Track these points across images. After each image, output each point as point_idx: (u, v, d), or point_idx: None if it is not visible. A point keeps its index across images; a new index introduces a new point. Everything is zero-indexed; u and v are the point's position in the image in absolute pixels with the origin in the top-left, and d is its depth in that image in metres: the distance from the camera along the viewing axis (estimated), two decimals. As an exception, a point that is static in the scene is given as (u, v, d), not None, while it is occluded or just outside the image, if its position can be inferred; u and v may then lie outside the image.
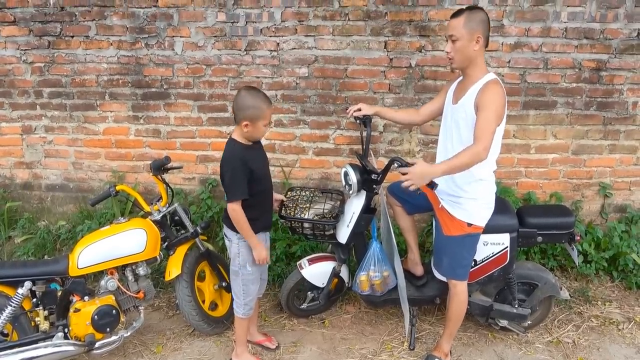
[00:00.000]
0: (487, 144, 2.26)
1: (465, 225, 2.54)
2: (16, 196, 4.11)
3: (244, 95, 2.36)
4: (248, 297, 2.66)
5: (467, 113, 2.40)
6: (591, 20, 3.42)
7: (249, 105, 2.34)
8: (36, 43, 3.78)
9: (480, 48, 2.36)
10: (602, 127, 3.64)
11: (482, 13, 2.36)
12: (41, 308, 2.63)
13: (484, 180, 2.49)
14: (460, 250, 2.63)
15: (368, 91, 3.66)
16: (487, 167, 2.46)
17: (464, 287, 2.70)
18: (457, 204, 2.54)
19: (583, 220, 3.80)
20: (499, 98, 2.31)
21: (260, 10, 3.57)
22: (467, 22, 2.32)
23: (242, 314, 2.69)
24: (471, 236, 2.59)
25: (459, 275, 2.67)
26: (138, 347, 2.98)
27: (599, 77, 3.54)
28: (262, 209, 2.55)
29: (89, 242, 2.69)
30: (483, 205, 2.53)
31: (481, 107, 2.30)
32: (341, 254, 2.93)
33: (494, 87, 2.33)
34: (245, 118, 2.35)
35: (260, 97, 2.38)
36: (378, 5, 3.48)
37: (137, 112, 3.86)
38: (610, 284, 3.62)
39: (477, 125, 2.29)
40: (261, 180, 2.49)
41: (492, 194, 2.57)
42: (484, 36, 2.35)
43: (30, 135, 4.00)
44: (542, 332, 3.13)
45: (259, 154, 2.55)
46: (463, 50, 2.35)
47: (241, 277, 2.62)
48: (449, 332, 2.82)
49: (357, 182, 2.67)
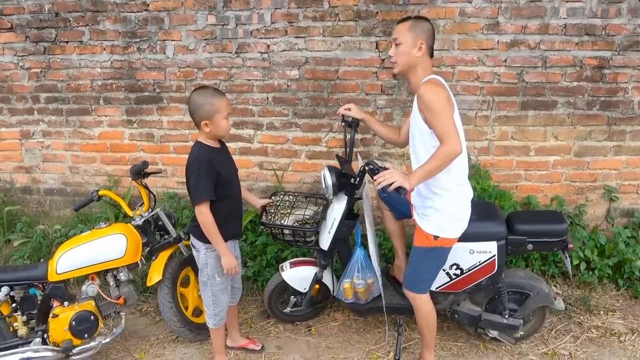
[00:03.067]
0: (455, 140, 2.18)
1: (431, 237, 2.43)
2: (16, 200, 4.18)
3: (193, 97, 2.37)
4: (218, 308, 2.62)
5: (417, 121, 2.35)
6: (592, 15, 3.27)
7: (200, 104, 2.33)
8: (32, 49, 3.83)
9: (423, 55, 2.33)
10: (606, 127, 3.47)
11: (427, 23, 2.38)
12: (20, 313, 2.64)
13: (449, 191, 2.37)
14: (424, 263, 2.52)
15: (360, 93, 3.58)
16: (450, 176, 2.35)
17: (424, 299, 2.58)
18: (425, 215, 2.45)
19: (588, 225, 3.62)
20: (437, 95, 2.22)
21: (250, 12, 3.53)
22: (411, 28, 2.32)
23: (213, 324, 2.66)
24: (438, 250, 2.46)
25: (419, 289, 2.56)
26: (121, 353, 2.97)
27: (602, 75, 3.37)
28: (228, 216, 2.49)
29: (69, 247, 2.69)
30: (450, 217, 2.41)
31: (427, 113, 2.24)
32: (322, 260, 2.86)
33: (427, 88, 2.25)
34: (202, 117, 2.34)
35: (209, 93, 2.37)
36: (369, 4, 3.40)
37: (131, 116, 3.87)
38: (614, 292, 3.45)
39: (436, 131, 2.23)
40: (227, 184, 2.43)
41: (460, 203, 2.44)
42: (427, 44, 2.33)
43: (28, 140, 4.05)
44: (537, 343, 2.99)
45: (225, 157, 2.50)
46: (405, 55, 2.34)
47: (210, 287, 2.58)
48: (427, 344, 2.73)
49: (332, 185, 2.60)
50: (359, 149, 3.63)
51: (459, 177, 2.39)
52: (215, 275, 2.54)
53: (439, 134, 2.21)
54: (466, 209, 2.48)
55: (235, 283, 2.75)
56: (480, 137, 3.55)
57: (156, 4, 3.60)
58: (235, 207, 2.55)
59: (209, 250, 2.50)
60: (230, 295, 2.74)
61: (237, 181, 2.57)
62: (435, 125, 2.22)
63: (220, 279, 2.55)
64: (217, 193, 2.38)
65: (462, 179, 2.43)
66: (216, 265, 2.52)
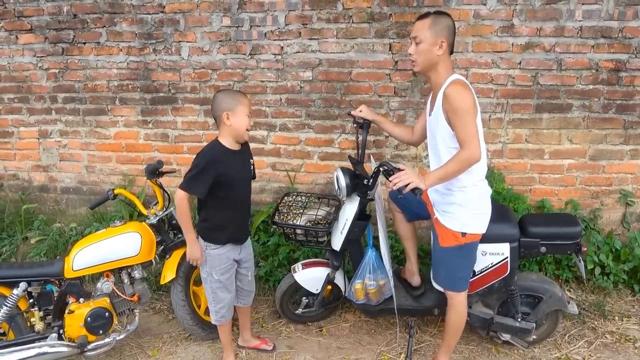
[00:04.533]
0: (475, 146, 2.21)
1: (459, 235, 2.43)
2: (33, 198, 4.26)
3: (216, 95, 2.47)
4: (218, 305, 2.64)
5: (439, 122, 2.33)
6: (608, 18, 3.24)
7: (223, 98, 2.43)
8: (51, 50, 3.91)
9: (443, 53, 2.30)
10: (622, 131, 3.44)
11: (448, 19, 2.32)
12: (37, 309, 2.69)
13: (470, 187, 2.38)
14: (458, 262, 2.52)
15: (373, 95, 3.58)
16: (471, 176, 2.35)
17: (462, 298, 2.58)
18: (448, 213, 2.44)
19: (603, 229, 3.59)
20: (464, 98, 2.21)
21: (264, 14, 3.56)
22: (432, 25, 2.27)
23: (215, 320, 2.69)
24: (468, 246, 2.48)
25: (458, 287, 2.56)
26: (134, 350, 3.01)
27: (618, 79, 3.34)
28: (227, 218, 2.50)
29: (85, 245, 2.72)
30: (474, 211, 2.41)
31: (452, 114, 2.23)
32: (335, 261, 2.87)
33: (455, 89, 2.23)
34: (224, 109, 2.40)
35: (233, 91, 2.53)
36: (382, 6, 3.41)
37: (146, 116, 3.92)
38: (630, 298, 3.40)
39: (458, 134, 2.23)
40: (229, 187, 2.43)
41: (483, 198, 2.45)
42: (448, 42, 2.29)
43: (46, 139, 4.13)
44: (550, 348, 2.96)
45: (238, 161, 2.50)
46: (425, 54, 2.30)
47: (209, 284, 2.61)
48: (447, 345, 2.71)
49: (345, 186, 2.61)
50: (372, 150, 3.64)
51: (478, 175, 2.40)
52: (213, 273, 2.56)
53: (461, 138, 2.21)
54: (488, 204, 2.48)
55: (245, 286, 2.75)
56: (494, 139, 3.53)
57: (172, 6, 3.65)
58: (236, 212, 2.53)
59: (208, 248, 2.54)
60: (240, 297, 2.77)
61: (245, 187, 2.57)
62: (457, 128, 2.22)
63: (219, 277, 2.57)
64: (215, 192, 2.40)
65: (481, 177, 2.43)
66: (214, 263, 2.55)
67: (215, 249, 2.54)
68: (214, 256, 2.54)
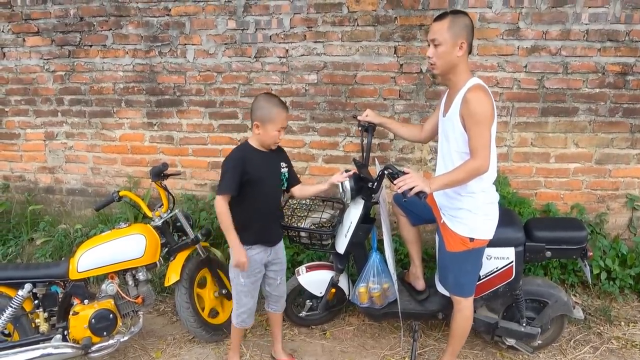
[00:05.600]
0: (486, 157, 2.20)
1: (467, 240, 2.42)
2: (39, 199, 4.28)
3: (258, 99, 2.43)
4: (240, 309, 2.62)
5: (455, 125, 2.30)
6: (615, 21, 3.22)
7: (261, 106, 2.40)
8: (58, 52, 3.93)
9: (463, 54, 2.25)
10: (629, 135, 3.41)
11: (466, 18, 2.26)
12: (42, 310, 2.70)
13: (478, 192, 2.36)
14: (465, 266, 2.50)
15: (378, 97, 3.58)
16: (480, 182, 2.33)
17: (469, 303, 2.57)
18: (457, 218, 2.43)
19: (609, 234, 3.56)
20: (484, 106, 2.18)
21: (269, 17, 3.57)
22: (450, 27, 2.21)
23: (236, 323, 2.67)
24: (475, 251, 2.46)
25: (465, 292, 2.55)
26: (138, 352, 3.01)
27: (625, 82, 3.32)
28: (254, 217, 2.47)
29: (90, 247, 2.74)
30: (483, 217, 2.40)
31: (469, 120, 2.19)
32: (339, 264, 2.86)
33: (476, 96, 2.19)
34: (256, 119, 2.39)
35: (273, 101, 2.42)
36: (387, 10, 3.41)
37: (152, 118, 3.94)
38: (636, 303, 3.38)
39: (471, 141, 2.21)
40: (255, 186, 2.41)
41: (491, 204, 2.44)
42: (467, 42, 2.24)
43: (52, 141, 4.15)
44: (555, 353, 2.94)
45: (267, 162, 2.46)
46: (445, 56, 2.25)
47: (235, 286, 2.60)
48: (452, 350, 2.70)
49: (350, 189, 2.60)
50: (376, 154, 3.63)
51: (487, 181, 2.39)
52: (239, 276, 2.54)
53: (473, 146, 2.19)
54: (496, 209, 2.46)
55: (273, 290, 2.72)
56: (499, 143, 3.51)
57: (178, 9, 3.66)
58: (261, 212, 2.49)
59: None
60: (270, 302, 2.76)
61: (271, 189, 2.53)
62: (472, 135, 2.19)
63: (244, 281, 2.54)
64: (242, 191, 2.39)
65: (490, 183, 2.42)
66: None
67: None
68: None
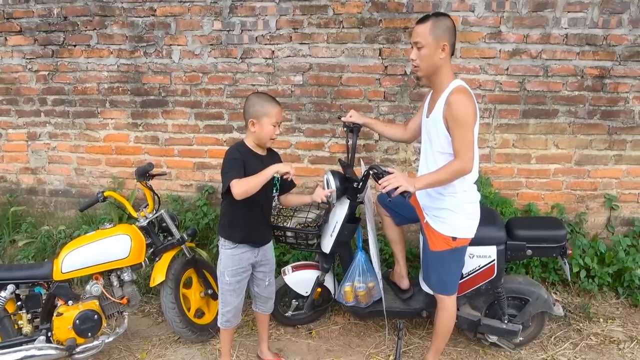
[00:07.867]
0: (469, 158, 2.25)
1: (450, 239, 2.46)
2: (21, 201, 4.22)
3: (250, 97, 2.47)
4: (225, 308, 2.61)
5: (438, 126, 2.34)
6: (593, 26, 3.31)
7: (253, 104, 2.43)
8: (41, 52, 3.89)
9: (446, 56, 2.30)
10: (607, 136, 3.50)
11: (448, 20, 2.30)
12: (25, 311, 2.67)
13: (460, 192, 2.40)
14: (448, 265, 2.55)
15: (363, 99, 3.62)
16: (463, 182, 2.38)
17: (452, 301, 2.62)
18: (439, 218, 2.47)
19: (588, 233, 3.65)
20: (467, 108, 2.22)
21: (255, 19, 3.59)
22: (433, 29, 2.25)
23: (220, 323, 2.66)
24: (458, 250, 2.51)
25: (448, 290, 2.59)
26: (123, 353, 2.99)
27: (603, 85, 3.41)
28: (245, 220, 2.48)
29: (74, 247, 2.72)
30: (465, 216, 2.45)
31: (452, 122, 2.24)
32: (324, 264, 2.89)
33: (459, 98, 2.23)
34: (251, 116, 2.41)
35: (265, 97, 2.48)
36: (372, 12, 3.45)
37: (137, 119, 3.92)
38: (614, 300, 3.46)
39: (454, 143, 2.26)
40: None
41: (473, 203, 2.49)
42: (450, 44, 2.29)
43: (35, 141, 4.10)
44: (536, 350, 3.00)
45: (258, 164, 2.42)
46: (428, 58, 2.29)
47: (220, 284, 2.60)
48: (436, 348, 2.74)
49: (336, 189, 2.63)
50: (362, 154, 3.67)
51: (470, 181, 2.43)
52: (225, 273, 2.54)
53: (456, 147, 2.24)
54: (478, 209, 2.51)
55: (261, 291, 2.72)
56: (481, 144, 3.57)
57: (163, 9, 3.66)
58: (252, 212, 2.49)
59: (223, 248, 2.53)
60: (258, 303, 2.76)
61: (266, 193, 2.49)
62: (455, 137, 2.24)
63: (229, 280, 2.54)
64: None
65: (472, 183, 2.46)
66: (227, 262, 2.53)
67: (229, 249, 2.52)
68: (227, 255, 2.53)
